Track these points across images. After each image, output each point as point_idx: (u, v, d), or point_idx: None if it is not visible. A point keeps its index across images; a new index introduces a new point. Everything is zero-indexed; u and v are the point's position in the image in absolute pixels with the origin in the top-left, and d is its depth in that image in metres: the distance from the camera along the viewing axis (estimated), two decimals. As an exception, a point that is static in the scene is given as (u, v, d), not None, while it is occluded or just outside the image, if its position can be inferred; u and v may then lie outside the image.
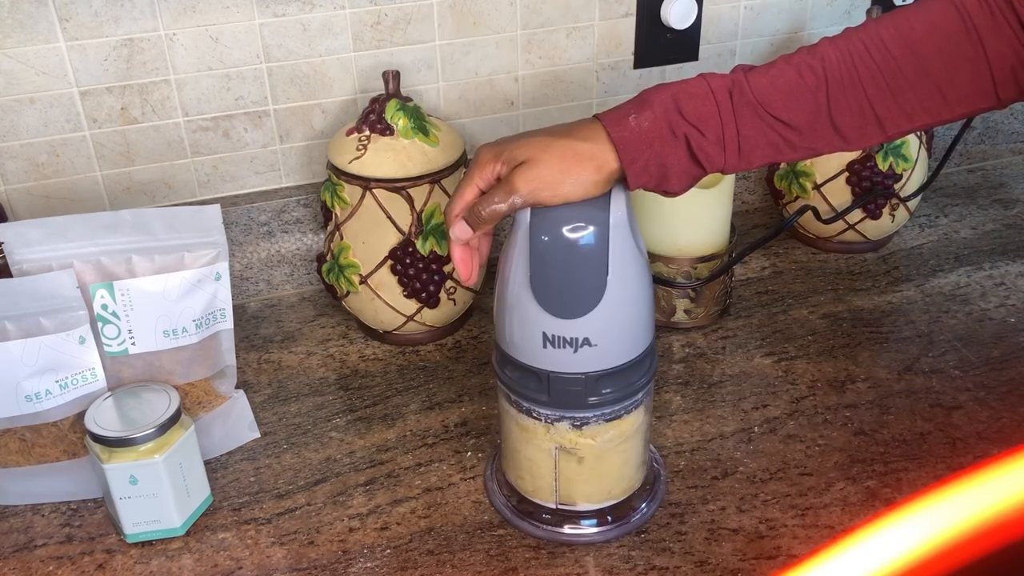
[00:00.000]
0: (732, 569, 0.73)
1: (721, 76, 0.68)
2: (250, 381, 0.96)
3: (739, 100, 0.68)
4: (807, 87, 0.68)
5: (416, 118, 0.93)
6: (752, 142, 0.68)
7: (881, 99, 0.68)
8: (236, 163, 1.03)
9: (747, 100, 0.68)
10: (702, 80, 0.68)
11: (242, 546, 0.77)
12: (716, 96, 0.67)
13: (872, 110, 0.68)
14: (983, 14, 0.67)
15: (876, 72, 0.68)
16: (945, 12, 0.68)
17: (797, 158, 0.70)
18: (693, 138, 0.67)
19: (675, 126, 0.67)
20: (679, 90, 0.68)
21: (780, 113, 0.68)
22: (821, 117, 0.68)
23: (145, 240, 0.82)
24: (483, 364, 0.97)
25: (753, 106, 0.68)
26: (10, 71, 0.91)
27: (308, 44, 0.99)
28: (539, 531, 0.77)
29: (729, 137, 0.67)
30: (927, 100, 0.68)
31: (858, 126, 0.69)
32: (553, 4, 1.06)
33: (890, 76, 0.68)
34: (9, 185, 0.96)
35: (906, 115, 0.69)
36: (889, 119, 0.69)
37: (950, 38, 0.67)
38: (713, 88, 0.68)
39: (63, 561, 0.76)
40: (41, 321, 0.77)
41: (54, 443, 0.81)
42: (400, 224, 0.93)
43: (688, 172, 0.68)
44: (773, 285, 1.09)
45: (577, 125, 0.69)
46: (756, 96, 0.68)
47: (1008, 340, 0.98)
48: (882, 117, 0.69)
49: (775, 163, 0.84)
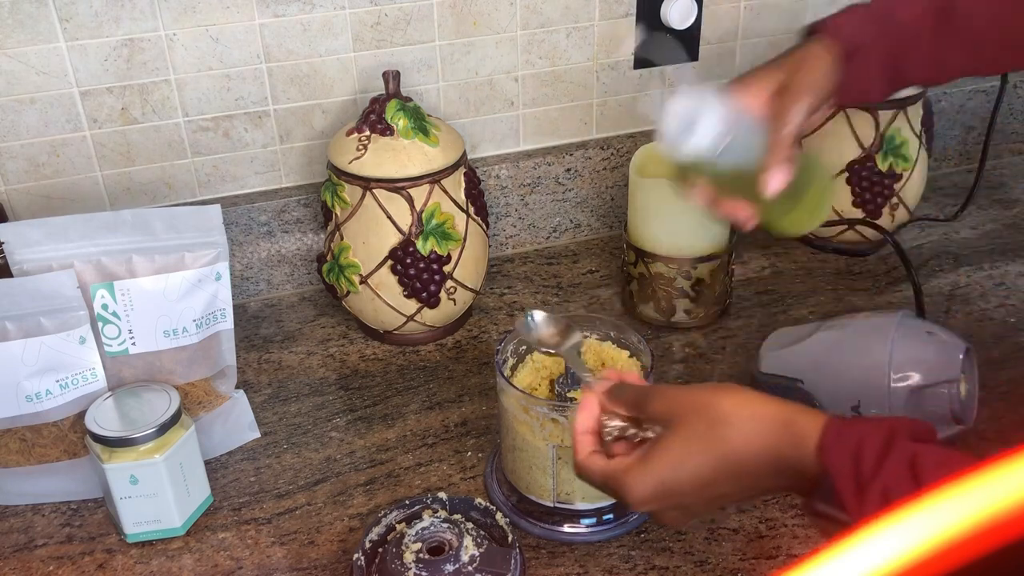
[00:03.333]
0: (732, 569, 0.73)
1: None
2: (250, 381, 0.96)
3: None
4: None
5: (416, 118, 0.93)
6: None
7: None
8: (236, 163, 1.03)
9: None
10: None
11: (242, 546, 0.77)
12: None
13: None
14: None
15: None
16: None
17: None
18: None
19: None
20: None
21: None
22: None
23: (145, 240, 0.82)
24: (483, 364, 0.97)
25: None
26: (10, 71, 0.91)
27: (308, 44, 0.99)
28: (539, 530, 0.77)
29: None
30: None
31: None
32: (553, 4, 1.06)
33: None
34: (9, 185, 0.96)
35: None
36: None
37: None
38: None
39: (63, 561, 0.76)
40: (41, 321, 0.77)
41: (54, 443, 0.81)
42: (400, 224, 0.93)
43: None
44: (773, 285, 1.09)
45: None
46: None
47: (1008, 340, 0.98)
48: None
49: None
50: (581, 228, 1.18)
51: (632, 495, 0.59)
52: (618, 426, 0.62)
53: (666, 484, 0.58)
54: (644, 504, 0.59)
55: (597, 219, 1.18)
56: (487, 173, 1.10)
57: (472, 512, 0.74)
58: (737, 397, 0.59)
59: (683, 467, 0.58)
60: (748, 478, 0.57)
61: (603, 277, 1.11)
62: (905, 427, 0.54)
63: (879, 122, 1.06)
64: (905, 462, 0.51)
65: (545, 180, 1.13)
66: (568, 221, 1.17)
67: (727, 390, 0.60)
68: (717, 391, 0.60)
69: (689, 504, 0.59)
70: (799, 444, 0.55)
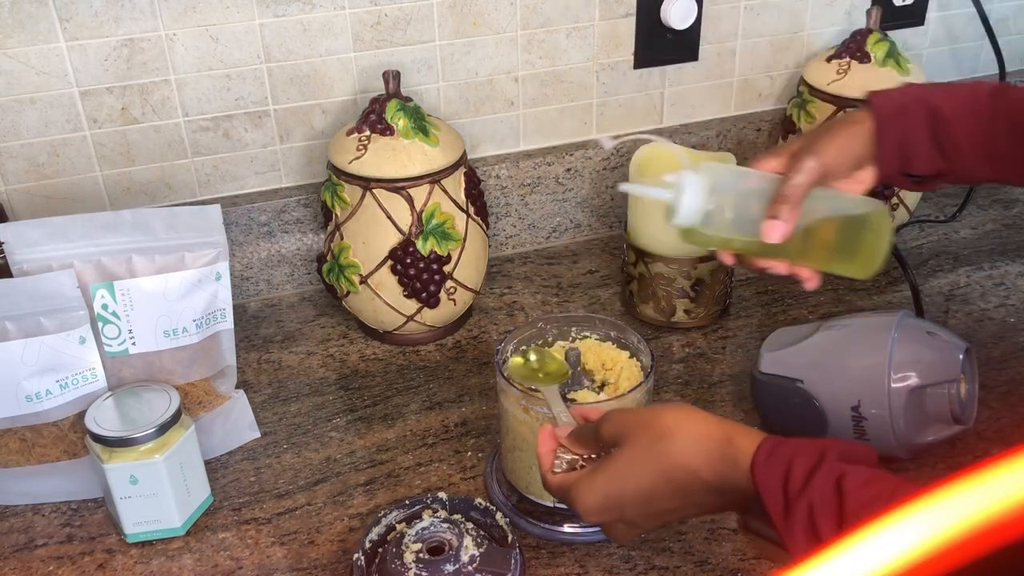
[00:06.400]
0: (732, 569, 0.73)
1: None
2: (250, 381, 0.96)
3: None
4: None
5: (416, 118, 0.93)
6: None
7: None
8: (236, 163, 1.03)
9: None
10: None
11: (242, 546, 0.77)
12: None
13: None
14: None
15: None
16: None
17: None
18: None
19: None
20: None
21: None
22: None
23: (145, 240, 0.82)
24: (483, 364, 0.97)
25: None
26: (10, 71, 0.91)
27: (308, 44, 0.99)
28: (539, 530, 0.77)
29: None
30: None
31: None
32: (553, 4, 1.06)
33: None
34: (9, 185, 0.96)
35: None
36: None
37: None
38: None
39: (63, 561, 0.76)
40: (41, 321, 0.77)
41: (54, 443, 0.81)
42: (400, 224, 0.93)
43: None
44: (773, 285, 1.09)
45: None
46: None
47: (1008, 340, 0.98)
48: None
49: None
50: (581, 228, 1.18)
51: (580, 505, 0.62)
52: (567, 459, 0.66)
53: (611, 497, 0.61)
54: (591, 515, 0.62)
55: (597, 219, 1.18)
56: (487, 173, 1.10)
57: (472, 512, 0.74)
58: (680, 414, 0.61)
59: (627, 480, 0.60)
60: (689, 494, 0.59)
61: (603, 277, 1.11)
62: (837, 448, 0.55)
63: (879, 122, 1.06)
64: (832, 481, 0.53)
65: (545, 180, 1.13)
66: (568, 221, 1.17)
67: (672, 408, 0.63)
68: (663, 409, 0.63)
69: (633, 518, 0.61)
70: (735, 462, 0.57)
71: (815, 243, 0.76)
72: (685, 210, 0.73)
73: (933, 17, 1.24)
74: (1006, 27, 1.29)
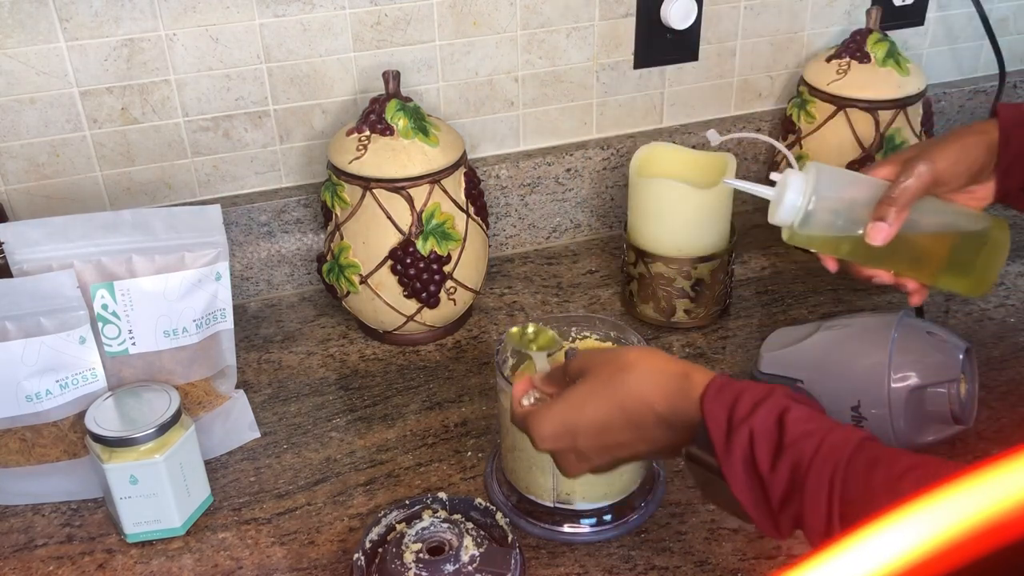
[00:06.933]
0: (732, 569, 0.73)
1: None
2: (250, 381, 0.96)
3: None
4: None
5: (416, 118, 0.93)
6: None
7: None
8: (236, 163, 1.03)
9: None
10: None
11: (242, 546, 0.77)
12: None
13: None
14: None
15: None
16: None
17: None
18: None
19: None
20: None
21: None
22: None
23: (145, 240, 0.82)
24: (483, 364, 0.97)
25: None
26: (10, 71, 0.91)
27: (308, 44, 0.99)
28: (539, 530, 0.77)
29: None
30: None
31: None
32: (553, 4, 1.06)
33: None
34: (9, 185, 0.96)
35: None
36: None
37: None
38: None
39: (63, 561, 0.76)
40: (41, 321, 0.77)
41: (54, 443, 0.81)
42: (400, 224, 0.93)
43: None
44: (773, 285, 1.09)
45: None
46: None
47: (1008, 340, 0.98)
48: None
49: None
50: (581, 228, 1.18)
51: (537, 431, 0.64)
52: (536, 396, 0.69)
53: (567, 424, 0.63)
54: (546, 441, 0.64)
55: (597, 219, 1.18)
56: (487, 173, 1.10)
57: (472, 512, 0.74)
58: (643, 352, 0.63)
59: (583, 409, 0.62)
60: (641, 427, 0.61)
61: (603, 277, 1.11)
62: (786, 392, 0.57)
63: (879, 122, 1.06)
64: (775, 414, 0.55)
65: (545, 180, 1.13)
66: (568, 221, 1.17)
67: (636, 347, 0.65)
68: (627, 348, 0.65)
69: (585, 449, 0.63)
70: (688, 394, 0.59)
71: (927, 256, 0.76)
72: (785, 209, 0.73)
73: (933, 17, 1.24)
74: (1006, 27, 1.29)
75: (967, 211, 0.76)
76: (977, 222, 0.75)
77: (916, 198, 0.71)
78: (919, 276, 0.76)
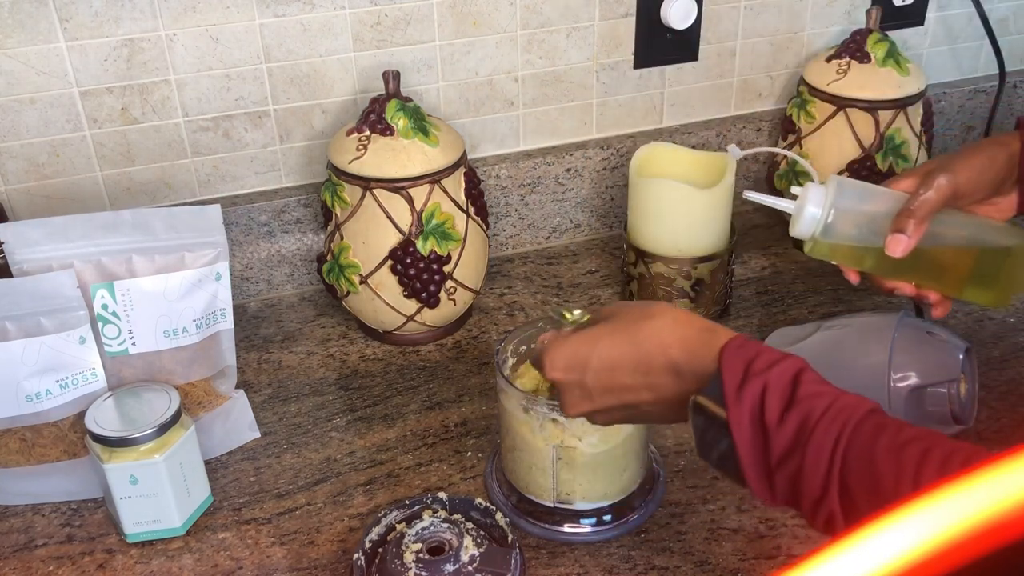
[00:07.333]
0: (732, 569, 0.73)
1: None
2: (250, 381, 0.96)
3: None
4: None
5: (416, 118, 0.93)
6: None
7: None
8: (236, 163, 1.03)
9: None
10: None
11: (242, 546, 0.77)
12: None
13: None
14: None
15: None
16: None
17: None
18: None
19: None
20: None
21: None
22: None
23: (145, 240, 0.82)
24: (483, 364, 0.97)
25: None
26: (10, 71, 0.91)
27: (308, 44, 0.99)
28: (539, 530, 0.77)
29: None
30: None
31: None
32: (553, 4, 1.06)
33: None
34: (9, 185, 0.96)
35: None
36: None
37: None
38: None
39: (63, 561, 0.76)
40: (41, 321, 0.77)
41: (54, 443, 0.81)
42: (400, 224, 0.93)
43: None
44: (773, 285, 1.09)
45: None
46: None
47: (1008, 340, 0.98)
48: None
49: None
50: (581, 228, 1.18)
51: (549, 357, 0.65)
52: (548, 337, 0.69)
53: (579, 355, 0.64)
54: (556, 369, 0.65)
55: (597, 219, 1.18)
56: (487, 173, 1.10)
57: (472, 512, 0.74)
58: (672, 307, 0.65)
59: (598, 343, 0.63)
60: (649, 372, 0.61)
61: (603, 277, 1.11)
62: (805, 360, 0.58)
63: (879, 122, 1.06)
64: (792, 373, 0.56)
65: (545, 180, 1.13)
66: (568, 221, 1.17)
67: (666, 303, 0.67)
68: (658, 302, 0.67)
69: (592, 385, 0.63)
70: (709, 345, 0.60)
71: (949, 269, 0.76)
72: (805, 221, 0.73)
73: (933, 17, 1.24)
74: (1006, 27, 1.29)
75: (990, 223, 0.76)
76: (1000, 234, 0.75)
77: (936, 210, 0.71)
78: (942, 288, 0.76)
